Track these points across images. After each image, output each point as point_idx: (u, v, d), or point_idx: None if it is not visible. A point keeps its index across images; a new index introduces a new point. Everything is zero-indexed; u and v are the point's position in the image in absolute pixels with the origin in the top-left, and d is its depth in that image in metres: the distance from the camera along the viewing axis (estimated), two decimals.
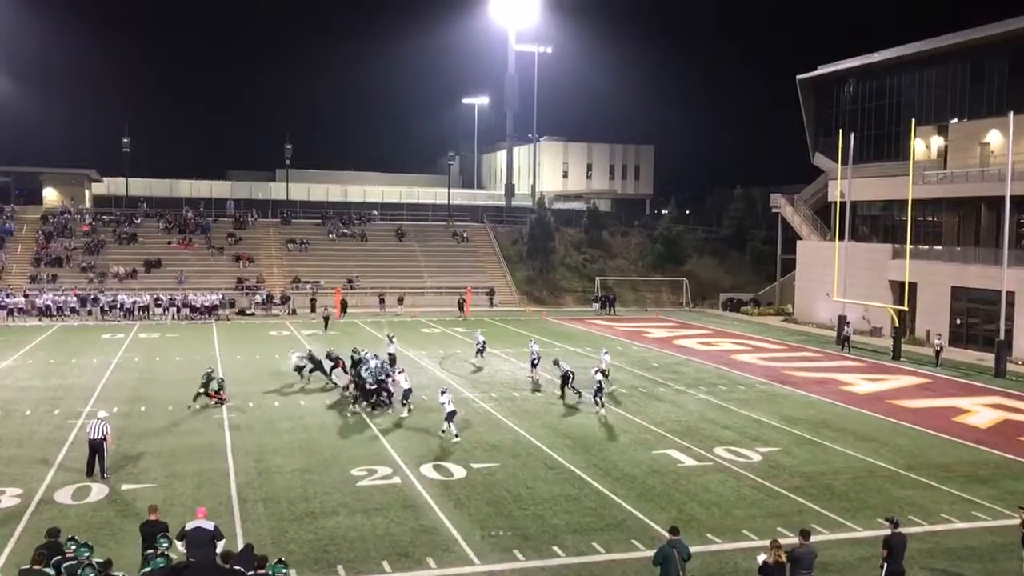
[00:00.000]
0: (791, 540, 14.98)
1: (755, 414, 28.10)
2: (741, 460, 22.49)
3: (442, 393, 25.14)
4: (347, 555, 15.70)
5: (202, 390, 27.69)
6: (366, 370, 28.08)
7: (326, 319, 47.94)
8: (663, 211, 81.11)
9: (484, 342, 37.33)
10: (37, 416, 26.05)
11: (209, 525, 13.51)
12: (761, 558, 13.12)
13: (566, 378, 29.91)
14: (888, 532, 14.40)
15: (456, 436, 23.94)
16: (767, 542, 14.05)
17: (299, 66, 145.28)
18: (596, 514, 18.26)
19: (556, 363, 31.08)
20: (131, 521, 16.56)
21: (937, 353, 39.56)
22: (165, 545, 12.82)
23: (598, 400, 27.61)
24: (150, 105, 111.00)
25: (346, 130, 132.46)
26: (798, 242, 59.41)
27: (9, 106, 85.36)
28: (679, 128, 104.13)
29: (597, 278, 65.14)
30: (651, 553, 14.07)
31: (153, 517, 14.05)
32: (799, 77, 60.04)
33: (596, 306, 60.95)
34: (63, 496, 18.62)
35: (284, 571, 12.08)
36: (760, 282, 66.59)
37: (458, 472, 20.97)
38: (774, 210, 63.83)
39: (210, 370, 28.88)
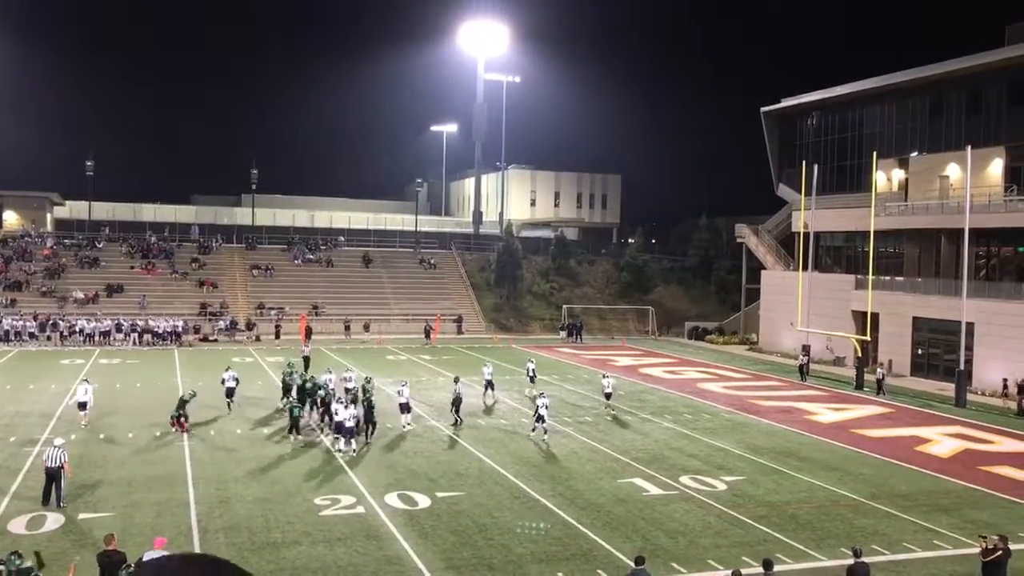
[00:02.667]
0: (755, 570, 15.00)
1: (720, 443, 28.18)
2: (706, 489, 22.52)
3: (403, 385, 27.87)
4: None
5: (177, 413, 27.30)
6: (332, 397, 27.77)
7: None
8: (630, 240, 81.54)
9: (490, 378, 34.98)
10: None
11: (166, 555, 13.28)
12: None
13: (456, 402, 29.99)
14: (851, 562, 14.46)
15: (409, 424, 24.29)
16: (730, 571, 14.04)
17: (266, 91, 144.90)
18: (561, 543, 18.15)
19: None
20: (88, 551, 16.20)
21: (879, 382, 39.67)
22: None
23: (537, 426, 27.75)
24: (115, 129, 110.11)
25: (313, 156, 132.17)
26: (762, 272, 59.99)
27: None
28: (646, 158, 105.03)
29: (564, 306, 65.31)
30: None
31: (111, 547, 13.78)
32: (763, 109, 60.99)
33: (563, 334, 61.02)
34: (17, 526, 18.18)
35: None
36: (725, 311, 67.11)
37: (423, 501, 20.78)
38: (739, 240, 64.46)
39: (188, 395, 28.43)
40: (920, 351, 45.80)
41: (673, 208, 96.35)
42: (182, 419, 27.48)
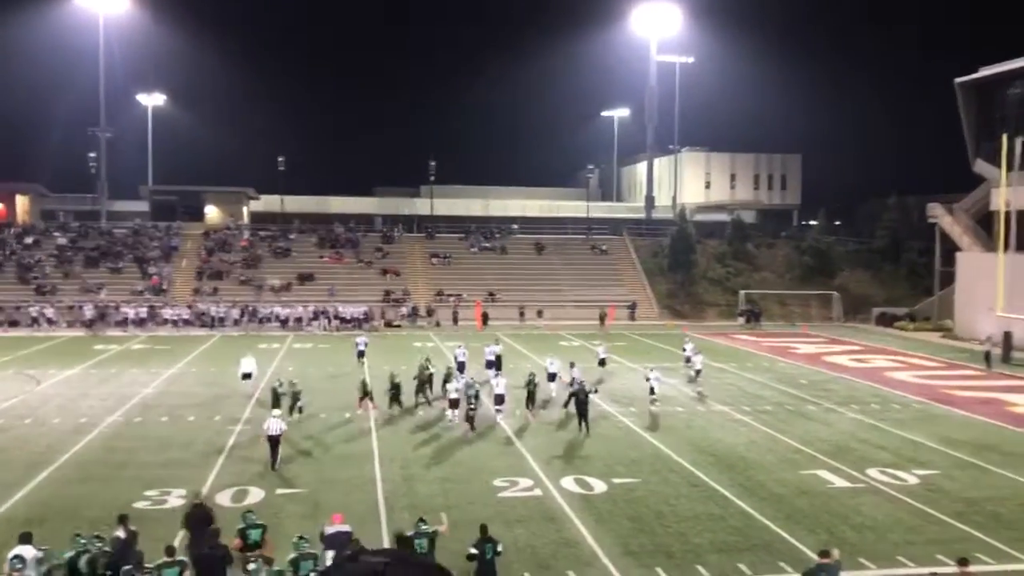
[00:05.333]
0: (951, 569, 14.19)
1: (911, 434, 26.73)
2: (896, 483, 21.44)
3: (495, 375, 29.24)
4: None
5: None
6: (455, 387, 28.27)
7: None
8: (811, 222, 78.45)
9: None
10: (200, 422, 27.58)
11: (347, 528, 14.88)
12: None
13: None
14: None
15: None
16: (926, 570, 13.34)
17: (442, 84, 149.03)
18: (741, 534, 17.79)
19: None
20: (285, 524, 17.29)
21: None
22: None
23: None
24: (303, 126, 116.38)
25: (487, 145, 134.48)
26: (958, 254, 56.24)
27: (175, 130, 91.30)
28: (828, 136, 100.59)
29: (741, 291, 63.59)
30: None
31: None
32: (958, 80, 56.96)
33: (740, 320, 59.52)
34: (223, 498, 19.61)
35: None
36: (916, 296, 63.38)
37: (599, 487, 20.88)
38: (931, 220, 60.67)
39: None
40: None
41: (858, 188, 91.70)
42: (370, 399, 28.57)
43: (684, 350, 37.51)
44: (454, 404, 27.27)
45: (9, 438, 25.02)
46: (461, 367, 33.72)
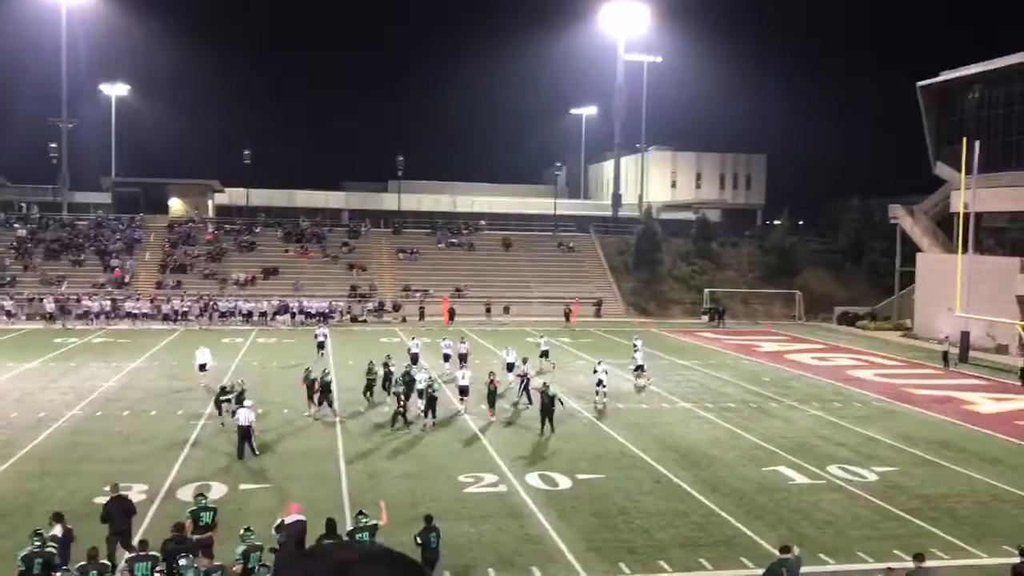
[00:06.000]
0: (908, 564, 14.45)
1: (871, 432, 27.16)
2: (856, 479, 21.78)
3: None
4: (455, 561, 15.90)
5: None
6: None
7: None
8: (775, 221, 79.16)
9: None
10: (162, 416, 27.30)
11: (303, 518, 15.08)
12: None
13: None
14: (1018, 560, 13.72)
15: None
16: (883, 565, 13.58)
17: (410, 80, 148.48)
18: (703, 529, 17.99)
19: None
20: (250, 519, 17.18)
21: None
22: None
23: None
24: (269, 118, 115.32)
25: (455, 142, 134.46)
26: (918, 255, 57.14)
27: (138, 121, 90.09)
28: (793, 137, 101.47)
29: (706, 290, 64.11)
30: (759, 571, 13.79)
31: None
32: (919, 84, 57.81)
33: (704, 318, 60.02)
34: (185, 493, 19.43)
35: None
36: (877, 296, 64.30)
37: (563, 483, 20.99)
38: (892, 221, 61.59)
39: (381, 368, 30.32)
40: None
41: (822, 188, 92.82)
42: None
43: (635, 347, 37.96)
44: (420, 395, 27.16)
45: None
46: (414, 359, 35.38)
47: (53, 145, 71.45)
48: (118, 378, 33.65)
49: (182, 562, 13.16)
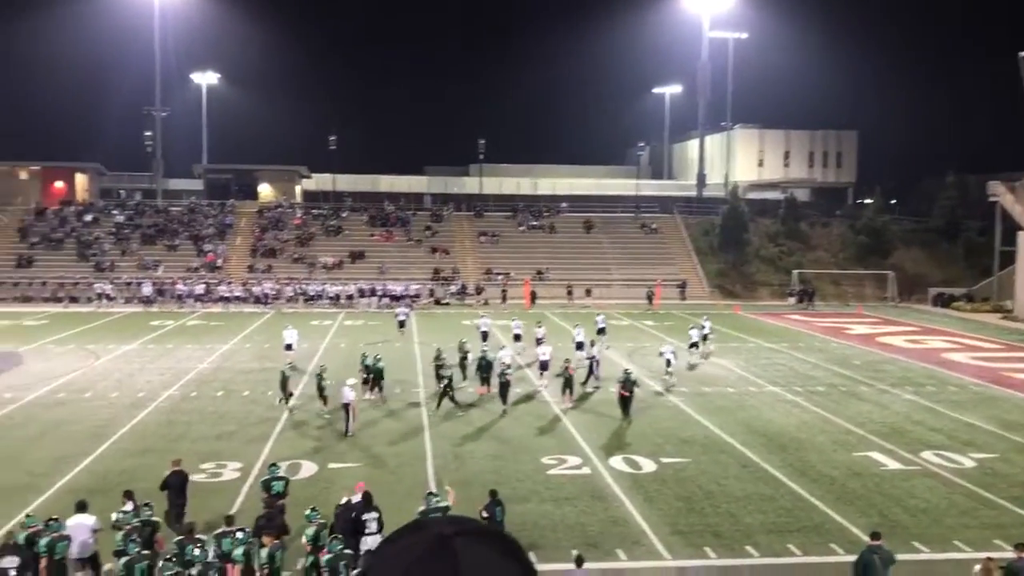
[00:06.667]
0: (1009, 554, 13.94)
1: (968, 417, 26.23)
2: (952, 466, 21.08)
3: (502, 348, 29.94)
4: (539, 542, 15.98)
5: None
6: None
7: None
8: (867, 200, 76.90)
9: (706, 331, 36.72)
10: (254, 396, 28.08)
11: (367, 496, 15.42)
12: (977, 568, 12.30)
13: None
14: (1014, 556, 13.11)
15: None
16: (982, 555, 13.13)
17: (490, 62, 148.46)
18: (792, 515, 17.67)
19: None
20: (337, 497, 17.55)
21: None
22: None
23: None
24: (354, 105, 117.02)
25: (536, 124, 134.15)
26: (1019, 233, 54.80)
27: (228, 109, 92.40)
28: (885, 112, 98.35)
29: (794, 271, 62.71)
30: (850, 558, 13.49)
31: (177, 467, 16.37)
32: (1022, 54, 55.28)
33: (792, 300, 58.77)
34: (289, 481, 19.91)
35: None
36: (974, 276, 61.95)
37: (647, 466, 20.86)
38: (991, 199, 59.18)
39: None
40: None
41: (916, 165, 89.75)
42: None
43: (703, 327, 37.22)
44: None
45: (70, 411, 25.73)
46: (484, 336, 36.30)
47: (148, 134, 73.95)
48: (212, 359, 34.72)
49: (238, 535, 13.49)
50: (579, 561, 13.56)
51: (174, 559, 13.03)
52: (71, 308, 51.13)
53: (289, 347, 34.02)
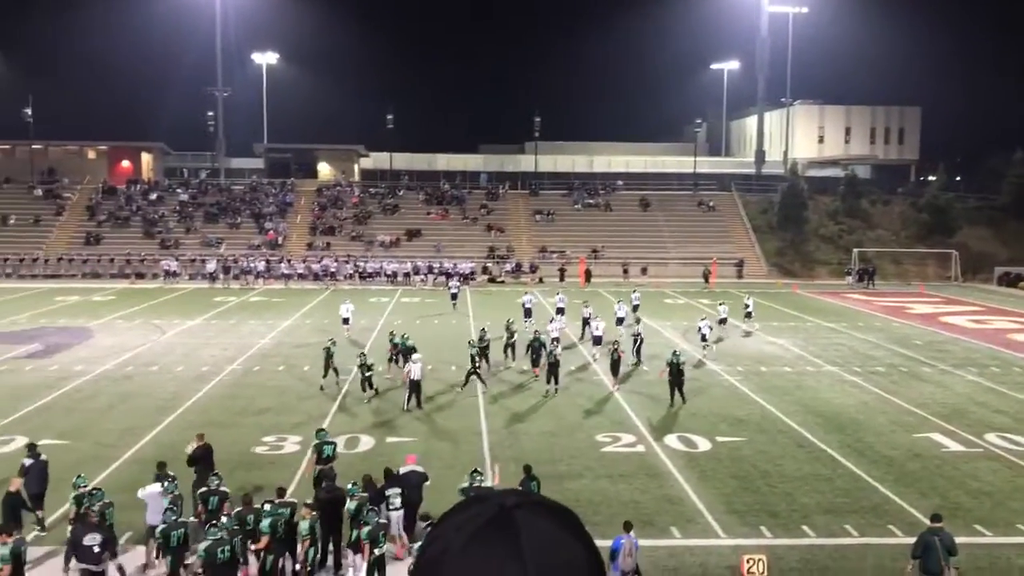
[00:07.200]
0: None
1: None
2: (1017, 448, 20.69)
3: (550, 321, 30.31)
4: (593, 518, 16.09)
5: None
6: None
7: None
8: (930, 177, 75.05)
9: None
10: (315, 371, 28.52)
11: (420, 468, 15.85)
12: None
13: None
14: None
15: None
16: None
17: (545, 39, 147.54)
18: (849, 495, 17.54)
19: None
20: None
21: None
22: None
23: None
24: (410, 85, 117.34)
25: (592, 100, 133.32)
26: None
27: (288, 89, 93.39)
28: (950, 87, 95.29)
29: (855, 249, 61.58)
30: (909, 540, 13.38)
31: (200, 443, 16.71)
32: None
33: (851, 279, 57.81)
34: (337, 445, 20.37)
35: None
36: None
37: (703, 444, 20.85)
38: None
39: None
40: None
41: (981, 142, 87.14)
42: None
43: (747, 306, 38.05)
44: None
45: (137, 385, 26.53)
46: (527, 313, 36.56)
47: (210, 114, 75.20)
48: (273, 335, 35.43)
49: (266, 507, 13.79)
50: (627, 526, 13.76)
51: (230, 528, 13.36)
52: (137, 284, 52.52)
53: (346, 321, 35.11)
